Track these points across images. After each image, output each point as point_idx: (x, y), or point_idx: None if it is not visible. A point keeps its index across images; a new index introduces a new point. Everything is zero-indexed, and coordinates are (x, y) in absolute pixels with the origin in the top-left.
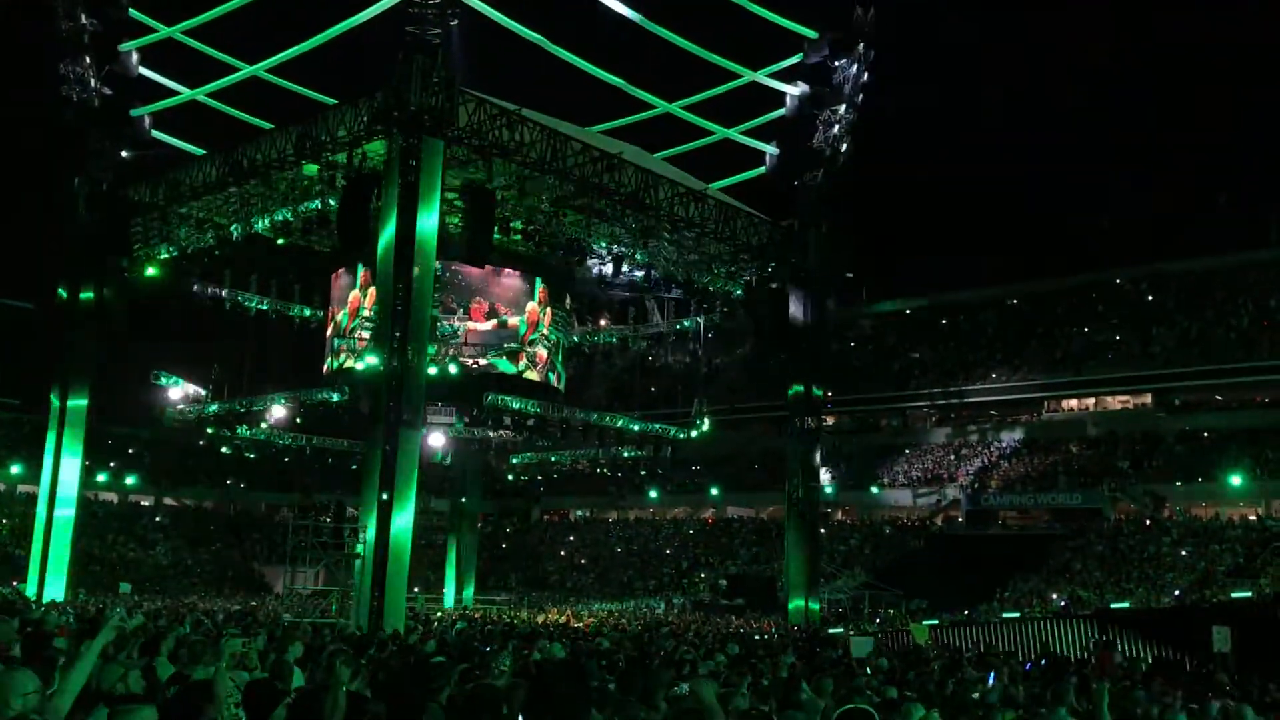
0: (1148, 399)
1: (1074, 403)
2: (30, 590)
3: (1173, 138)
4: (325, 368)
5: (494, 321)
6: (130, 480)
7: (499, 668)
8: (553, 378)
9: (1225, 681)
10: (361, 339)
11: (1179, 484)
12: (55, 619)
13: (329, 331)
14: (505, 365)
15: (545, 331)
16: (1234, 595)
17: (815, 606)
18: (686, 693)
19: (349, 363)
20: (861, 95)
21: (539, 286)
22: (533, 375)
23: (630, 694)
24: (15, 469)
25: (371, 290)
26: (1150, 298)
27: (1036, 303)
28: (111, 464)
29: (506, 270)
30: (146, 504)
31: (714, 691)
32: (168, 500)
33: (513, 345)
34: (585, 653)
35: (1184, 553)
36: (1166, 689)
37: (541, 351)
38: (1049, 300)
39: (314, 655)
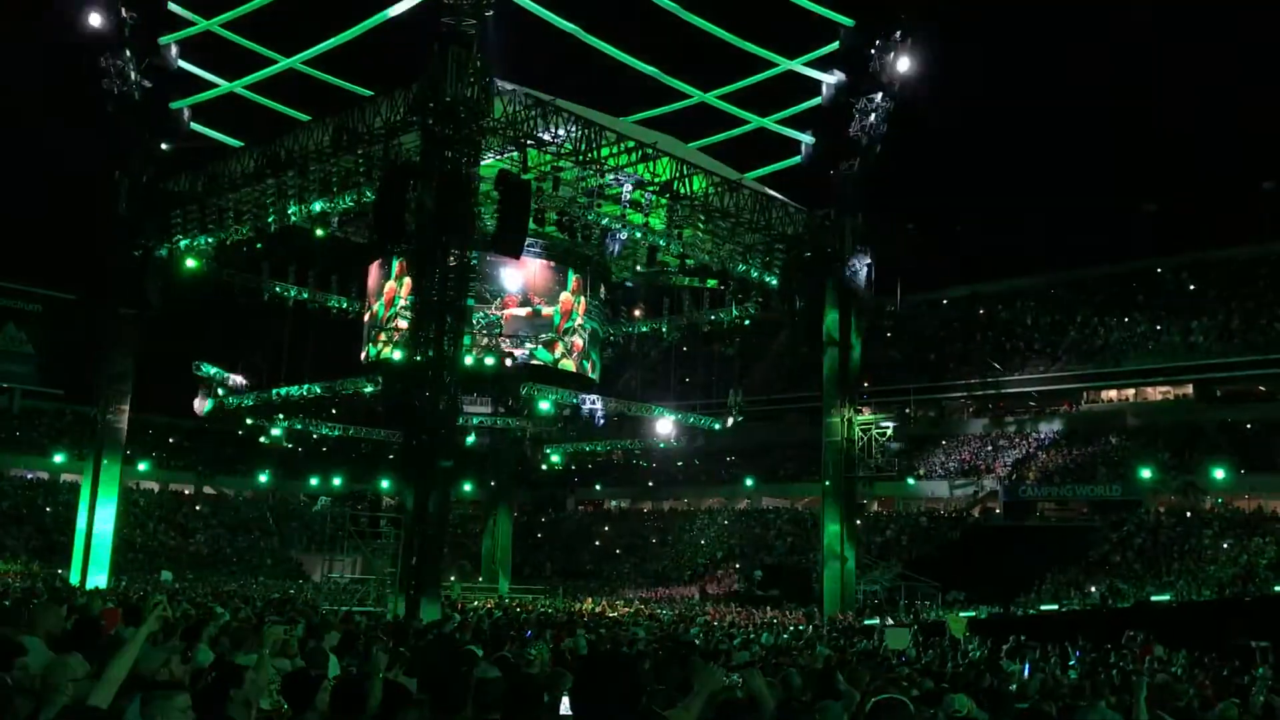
0: (1189, 390)
1: (1113, 394)
2: (74, 577)
3: (1216, 124)
4: (363, 356)
5: (528, 310)
6: (170, 469)
7: (528, 655)
8: (587, 366)
9: (1269, 675)
10: (398, 328)
11: (1220, 476)
12: (99, 605)
13: (366, 321)
14: (542, 354)
15: (580, 321)
16: (1277, 589)
17: (852, 598)
18: (737, 682)
19: (385, 352)
20: (899, 83)
21: (572, 276)
22: (569, 364)
23: (666, 683)
24: (59, 457)
25: (408, 280)
26: (1192, 287)
27: (1076, 292)
28: (152, 453)
29: (539, 260)
30: (187, 492)
31: (763, 681)
32: (207, 489)
33: (549, 334)
34: (621, 641)
35: (1225, 545)
36: (1206, 681)
37: (577, 340)
38: (1088, 290)
39: (351, 643)
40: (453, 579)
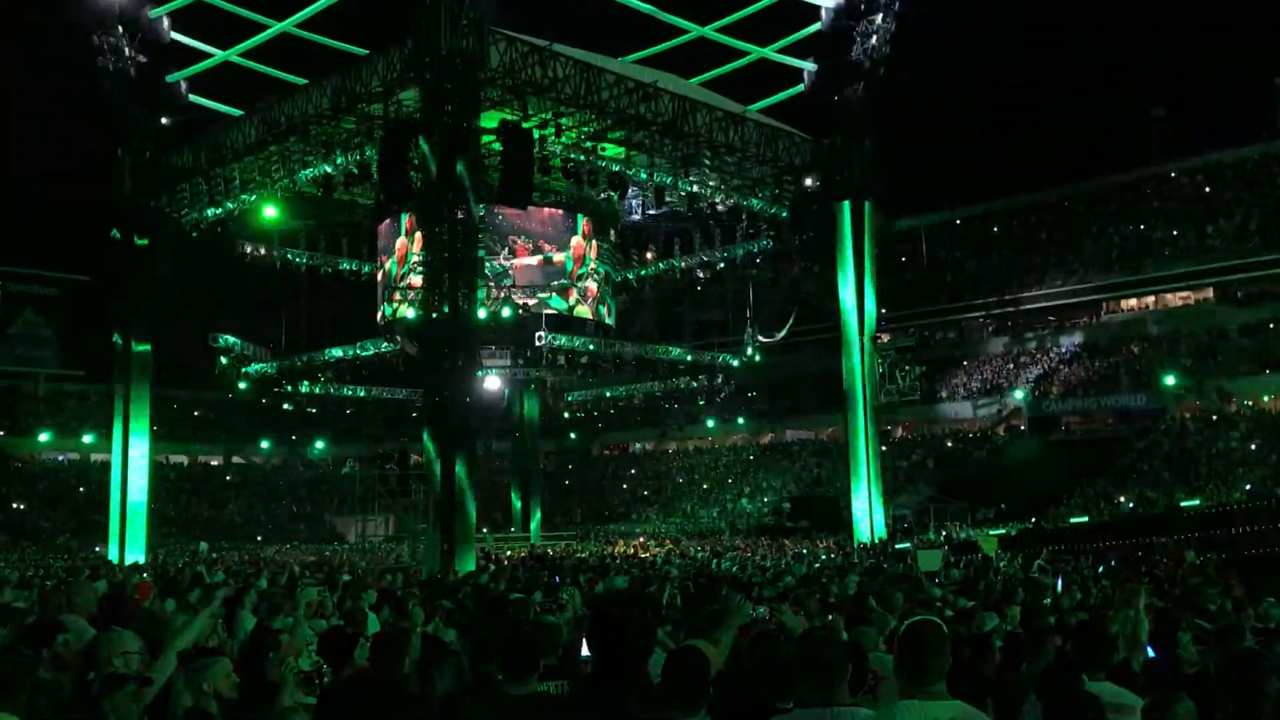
0: (1209, 293)
1: (1133, 302)
2: (112, 554)
3: (1223, 20)
4: (379, 316)
5: (539, 258)
6: (198, 442)
7: (560, 599)
8: (603, 311)
9: None
10: (413, 284)
11: (1245, 377)
12: (135, 579)
13: (379, 281)
14: (557, 302)
15: (593, 265)
16: None
17: (881, 523)
18: (764, 615)
19: (402, 310)
20: (899, 2)
21: (582, 220)
22: (584, 310)
23: (698, 619)
24: (87, 439)
25: (419, 235)
26: (1207, 189)
27: (1089, 202)
28: (178, 427)
29: (546, 208)
30: (216, 464)
31: (795, 617)
32: (236, 459)
33: (563, 281)
34: (653, 580)
35: (1253, 446)
36: (1236, 582)
37: (591, 285)
38: (1101, 199)
39: (388, 600)
40: (485, 530)
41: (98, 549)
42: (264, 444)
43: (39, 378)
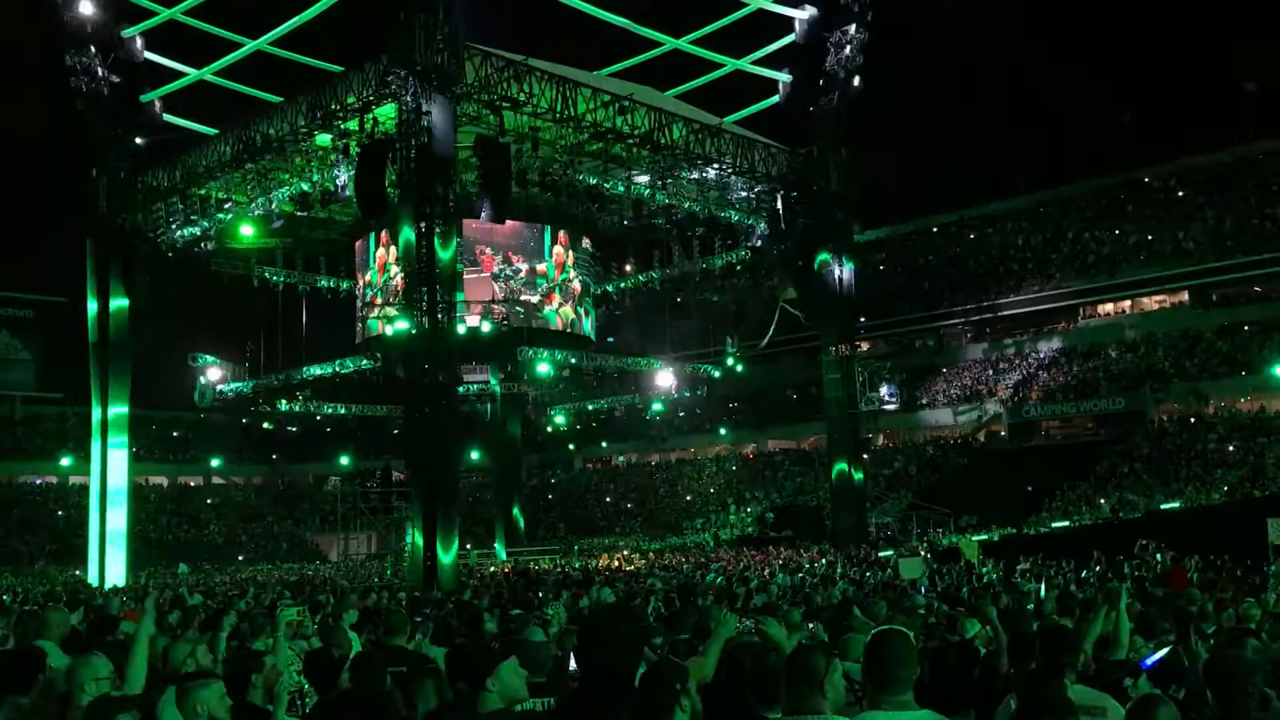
0: (1184, 297)
1: (1109, 307)
2: (92, 578)
3: (1193, 26)
4: (359, 332)
5: (526, 268)
6: (178, 463)
7: (545, 615)
8: (581, 312)
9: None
10: (400, 284)
11: (1222, 379)
12: (118, 604)
13: (358, 297)
14: (548, 313)
15: (572, 274)
16: None
17: (863, 532)
18: (750, 629)
19: (379, 322)
20: (871, 13)
21: (555, 233)
22: (568, 310)
23: (679, 632)
24: (65, 461)
25: (394, 249)
26: (1180, 194)
27: (1064, 209)
28: (157, 448)
29: (518, 221)
30: (195, 484)
31: (780, 628)
32: (216, 479)
33: (548, 285)
34: (637, 593)
35: (1231, 448)
36: (1222, 584)
37: (576, 285)
38: (1076, 205)
39: (370, 619)
40: (468, 546)
41: (77, 572)
42: (243, 463)
43: (15, 400)
